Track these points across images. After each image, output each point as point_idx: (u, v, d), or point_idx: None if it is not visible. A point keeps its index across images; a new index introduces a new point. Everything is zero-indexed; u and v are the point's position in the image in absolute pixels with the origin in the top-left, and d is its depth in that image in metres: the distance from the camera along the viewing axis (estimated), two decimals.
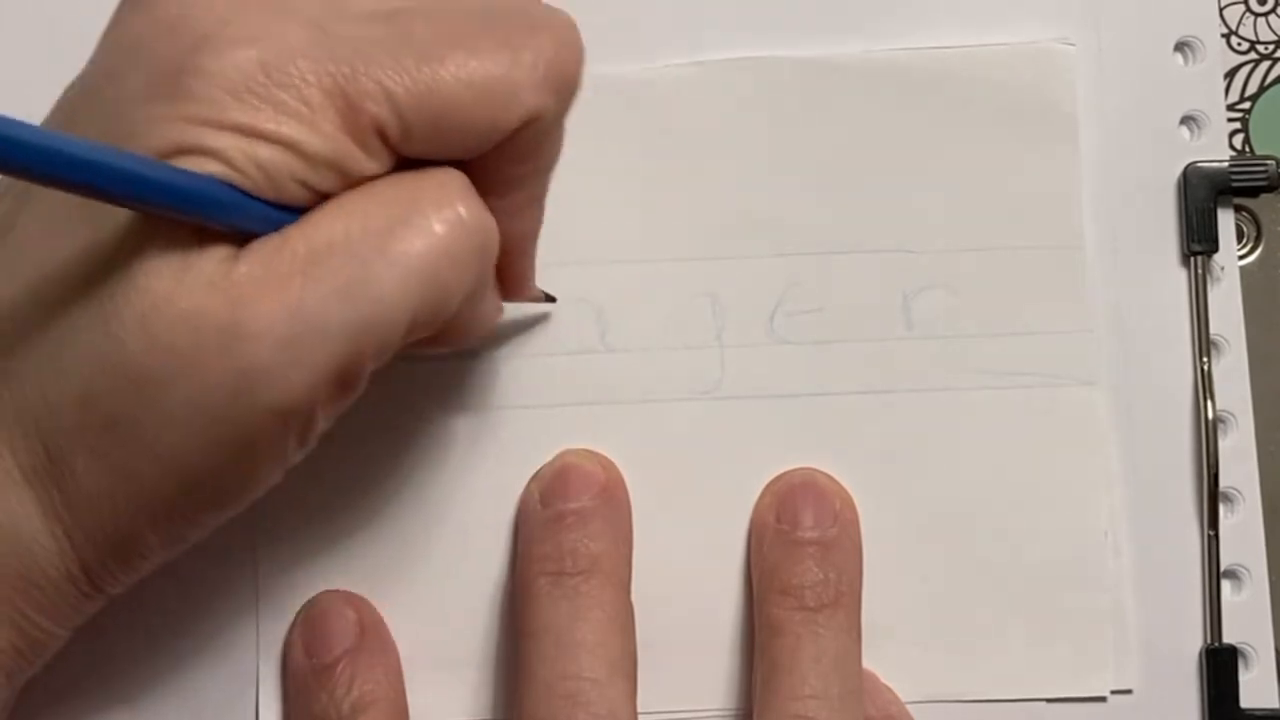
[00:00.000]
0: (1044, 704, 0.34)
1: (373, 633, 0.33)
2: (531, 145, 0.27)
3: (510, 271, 0.30)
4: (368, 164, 0.25)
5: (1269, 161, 0.35)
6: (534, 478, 0.34)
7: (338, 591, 0.34)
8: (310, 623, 0.33)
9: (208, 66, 0.24)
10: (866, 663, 0.33)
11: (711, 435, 0.34)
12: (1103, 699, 0.34)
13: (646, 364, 0.34)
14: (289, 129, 0.24)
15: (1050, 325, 0.34)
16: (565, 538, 0.32)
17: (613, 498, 0.33)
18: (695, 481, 0.34)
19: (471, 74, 0.25)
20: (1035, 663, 0.34)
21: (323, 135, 0.25)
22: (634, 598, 0.32)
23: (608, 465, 0.34)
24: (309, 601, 0.34)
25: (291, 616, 0.34)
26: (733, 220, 0.34)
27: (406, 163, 0.26)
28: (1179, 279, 0.35)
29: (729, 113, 0.34)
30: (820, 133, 0.35)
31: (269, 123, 0.24)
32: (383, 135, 0.25)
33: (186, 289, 0.24)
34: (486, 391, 0.32)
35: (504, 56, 0.26)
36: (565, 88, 0.27)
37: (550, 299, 0.34)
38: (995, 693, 0.34)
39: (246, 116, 0.24)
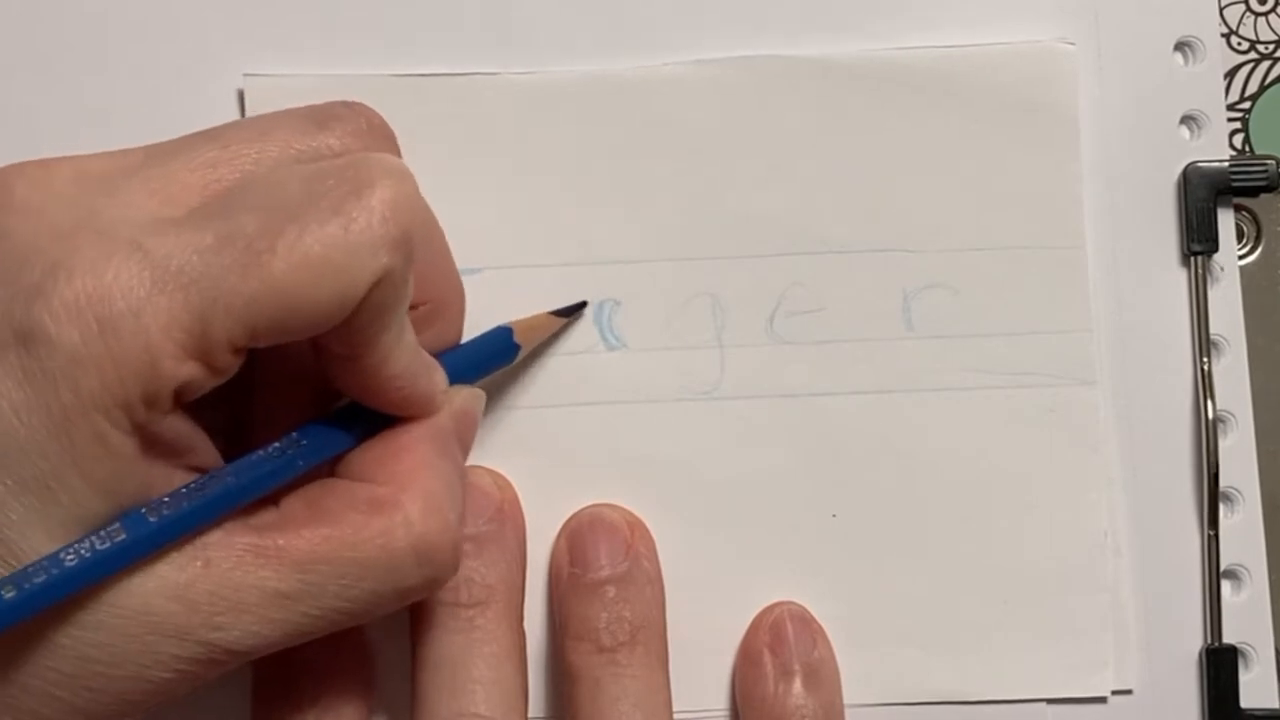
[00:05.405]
0: (1044, 704, 0.34)
1: (512, 520, 0.33)
2: (381, 305, 0.26)
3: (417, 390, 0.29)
4: (219, 378, 0.25)
5: (1269, 161, 0.35)
6: None
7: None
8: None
9: (48, 332, 0.23)
10: (868, 662, 0.33)
11: (711, 435, 0.34)
12: (1103, 699, 0.34)
13: (646, 364, 0.34)
14: (133, 386, 0.23)
15: (1050, 325, 0.34)
16: (461, 564, 0.31)
17: (508, 520, 0.33)
18: (695, 482, 0.34)
19: (306, 254, 0.24)
20: (1035, 663, 0.34)
21: (165, 377, 0.24)
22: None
23: (503, 485, 0.33)
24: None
25: None
26: (733, 220, 0.34)
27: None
28: (1179, 279, 0.35)
29: (729, 113, 0.34)
30: (820, 132, 0.35)
31: (116, 388, 0.23)
32: (232, 347, 0.25)
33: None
34: (485, 392, 0.32)
35: (336, 226, 0.25)
36: (405, 238, 0.25)
37: (579, 307, 0.34)
38: (995, 693, 0.34)
39: (95, 384, 0.23)
